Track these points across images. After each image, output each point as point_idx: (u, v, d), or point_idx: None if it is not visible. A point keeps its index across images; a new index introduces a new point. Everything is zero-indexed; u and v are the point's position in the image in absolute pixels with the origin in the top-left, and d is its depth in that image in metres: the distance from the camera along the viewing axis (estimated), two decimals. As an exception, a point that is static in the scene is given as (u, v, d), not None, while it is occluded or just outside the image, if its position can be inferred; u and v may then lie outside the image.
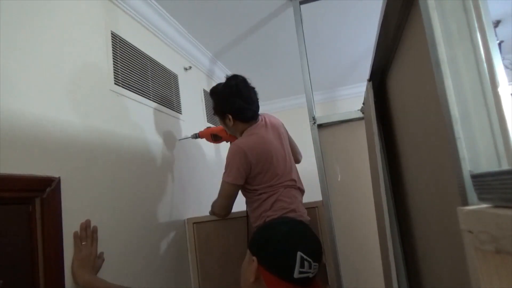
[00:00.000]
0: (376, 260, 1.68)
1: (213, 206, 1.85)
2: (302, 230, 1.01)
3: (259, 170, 1.63)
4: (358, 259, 1.91)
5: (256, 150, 1.62)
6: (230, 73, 3.15)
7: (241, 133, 1.75)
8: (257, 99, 1.76)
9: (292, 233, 0.98)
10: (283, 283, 0.92)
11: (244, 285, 1.00)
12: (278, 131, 1.80)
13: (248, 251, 1.03)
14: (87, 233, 1.29)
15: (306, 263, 0.92)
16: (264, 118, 1.80)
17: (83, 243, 1.26)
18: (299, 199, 1.73)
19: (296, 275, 0.91)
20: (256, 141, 1.66)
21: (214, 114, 1.84)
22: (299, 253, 0.92)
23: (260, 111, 1.79)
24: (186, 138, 2.20)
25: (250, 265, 0.98)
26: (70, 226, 1.24)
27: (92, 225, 1.34)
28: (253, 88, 1.76)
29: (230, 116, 1.71)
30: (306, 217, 1.68)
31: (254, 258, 0.97)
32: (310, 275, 0.94)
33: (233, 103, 1.69)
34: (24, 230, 1.09)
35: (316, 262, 0.95)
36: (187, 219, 2.10)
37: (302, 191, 1.79)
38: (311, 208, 1.91)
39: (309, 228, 1.05)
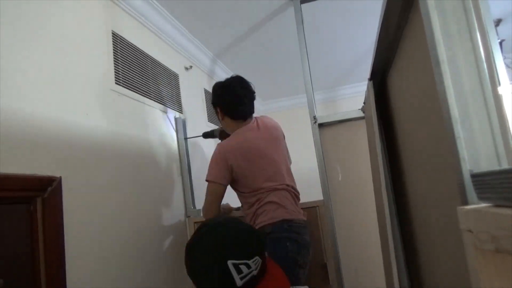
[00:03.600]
0: (377, 260, 1.68)
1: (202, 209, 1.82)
2: (220, 234, 0.88)
3: (242, 172, 1.63)
4: (359, 259, 1.91)
5: (238, 152, 1.63)
6: (231, 72, 3.17)
7: (232, 131, 1.75)
8: (252, 101, 1.77)
9: (211, 248, 0.86)
10: None
11: None
12: (273, 134, 1.77)
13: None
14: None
15: (243, 267, 0.81)
16: (257, 120, 1.77)
17: None
18: (291, 201, 1.67)
19: (239, 283, 0.81)
20: (240, 142, 1.67)
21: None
22: (229, 263, 0.81)
23: (261, 111, 1.80)
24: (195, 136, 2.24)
25: None
26: (71, 225, 1.25)
27: (92, 224, 1.36)
28: (250, 91, 1.76)
29: (219, 109, 1.77)
30: (300, 217, 1.64)
31: None
32: (254, 272, 0.83)
33: (224, 99, 1.75)
34: (25, 229, 1.09)
35: (252, 258, 0.83)
36: (188, 218, 2.10)
37: (297, 197, 1.74)
38: (312, 207, 1.91)
39: (226, 224, 0.91)
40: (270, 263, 0.90)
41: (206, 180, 1.66)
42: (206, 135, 2.13)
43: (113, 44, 1.68)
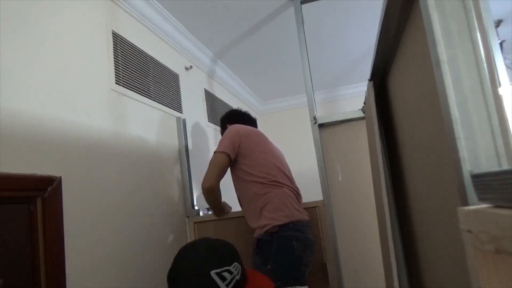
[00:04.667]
0: (377, 260, 1.68)
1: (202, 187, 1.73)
2: (196, 251, 0.96)
3: (253, 148, 1.70)
4: (359, 259, 1.90)
5: (249, 131, 1.76)
6: (231, 72, 3.17)
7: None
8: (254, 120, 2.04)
9: (192, 266, 0.93)
10: None
11: None
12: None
13: None
14: None
15: (225, 274, 0.87)
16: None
17: None
18: (295, 200, 1.70)
19: None
20: (252, 130, 1.80)
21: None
22: (212, 273, 0.86)
23: (261, 110, 1.81)
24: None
25: None
26: (71, 225, 1.25)
27: (92, 223, 1.36)
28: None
29: (228, 125, 1.84)
30: (304, 217, 1.66)
31: None
32: (237, 277, 0.88)
33: (232, 114, 2.01)
34: (25, 229, 1.09)
35: (231, 264, 0.89)
36: (188, 218, 2.10)
37: (300, 196, 1.78)
38: (312, 207, 1.91)
39: (199, 242, 1.00)
40: (250, 270, 0.96)
41: (215, 152, 1.69)
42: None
43: (113, 44, 1.68)
